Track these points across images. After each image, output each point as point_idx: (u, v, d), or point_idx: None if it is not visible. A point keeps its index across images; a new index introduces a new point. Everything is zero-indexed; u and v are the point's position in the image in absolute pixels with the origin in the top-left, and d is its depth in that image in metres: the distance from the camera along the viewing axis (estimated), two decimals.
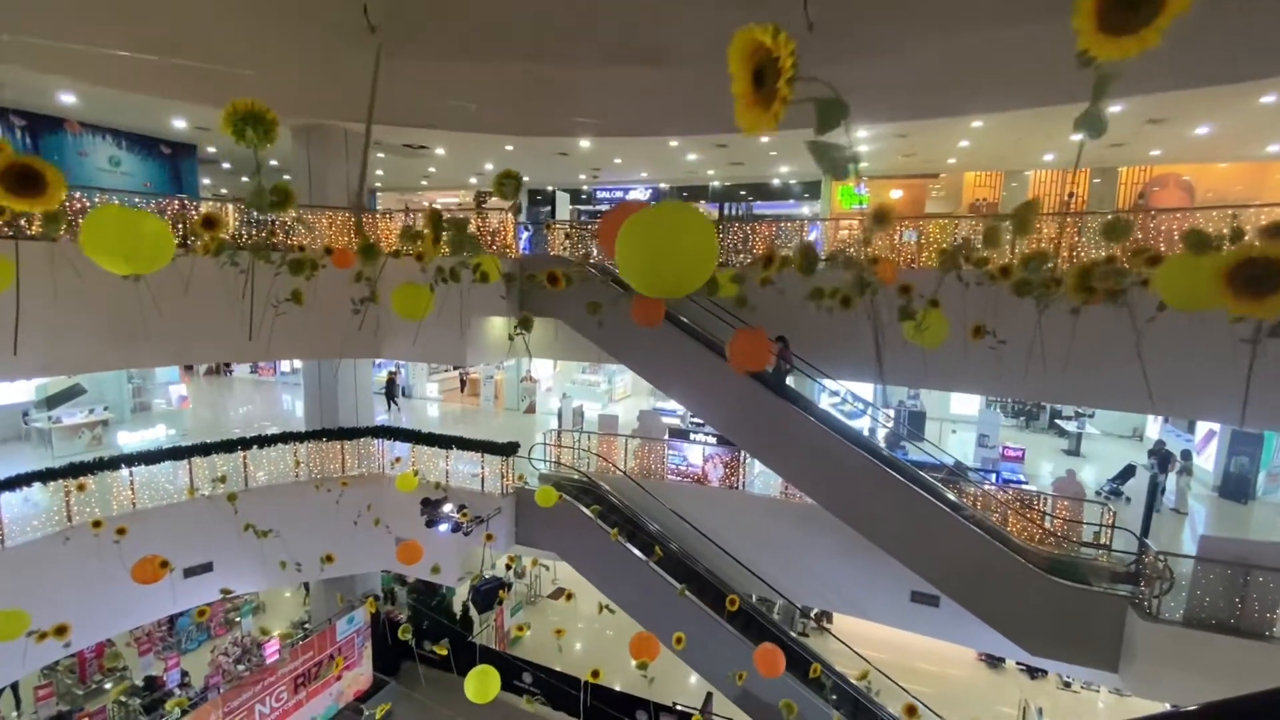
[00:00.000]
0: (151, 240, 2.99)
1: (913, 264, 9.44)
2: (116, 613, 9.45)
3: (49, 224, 5.48)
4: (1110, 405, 10.52)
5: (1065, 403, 13.32)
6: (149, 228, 2.95)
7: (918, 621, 10.51)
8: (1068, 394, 9.64)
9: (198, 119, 11.35)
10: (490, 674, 6.02)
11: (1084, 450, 15.18)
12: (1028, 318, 4.87)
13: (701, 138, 11.75)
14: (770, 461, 10.01)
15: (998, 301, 5.43)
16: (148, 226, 2.94)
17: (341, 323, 11.28)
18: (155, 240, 3.00)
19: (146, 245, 2.99)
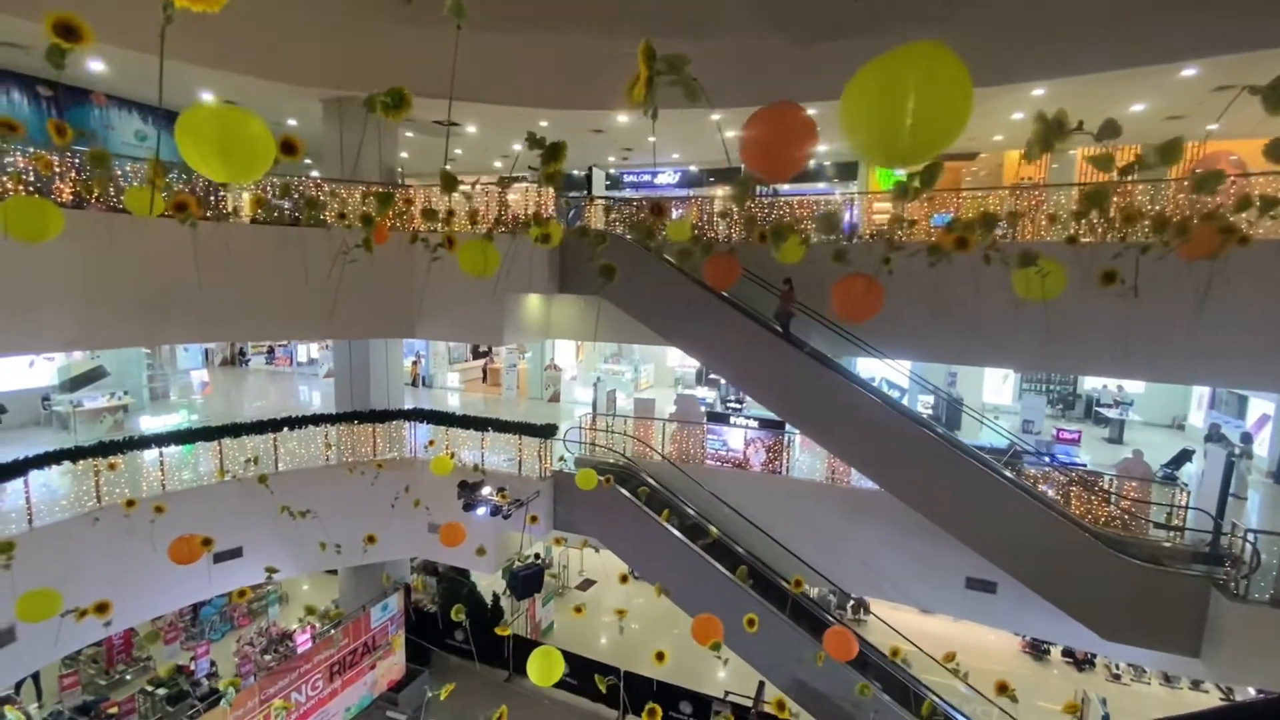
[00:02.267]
0: (255, 143, 2.64)
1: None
2: (150, 596, 9.12)
3: (98, 164, 5.16)
4: (1178, 378, 10.11)
5: (1126, 377, 12.85)
6: (255, 129, 2.61)
7: (973, 609, 10.13)
8: (1130, 368, 9.30)
9: (225, 90, 11.02)
10: (554, 655, 5.68)
11: (1126, 438, 14.80)
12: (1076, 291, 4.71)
13: (744, 110, 11.39)
14: (828, 442, 9.63)
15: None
16: (254, 128, 2.60)
17: (376, 303, 11.03)
18: (258, 144, 2.65)
19: (248, 148, 2.64)
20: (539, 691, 12.06)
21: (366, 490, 10.58)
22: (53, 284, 8.18)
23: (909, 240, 9.79)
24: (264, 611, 13.56)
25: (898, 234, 9.68)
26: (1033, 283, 4.84)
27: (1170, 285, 6.69)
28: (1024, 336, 8.97)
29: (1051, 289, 4.69)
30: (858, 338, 9.81)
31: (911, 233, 9.97)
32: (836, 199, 12.07)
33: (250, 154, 2.65)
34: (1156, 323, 8.08)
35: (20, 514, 8.13)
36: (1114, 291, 4.68)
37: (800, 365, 9.26)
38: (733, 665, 13.60)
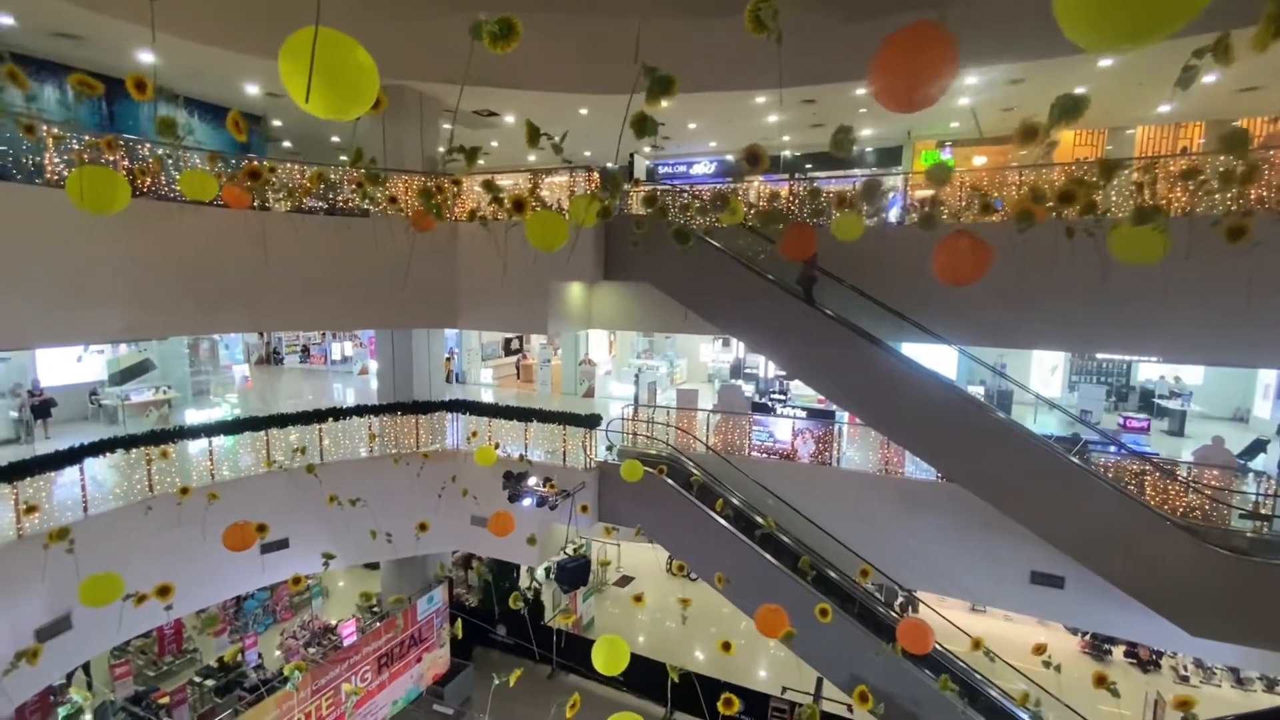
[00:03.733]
0: (361, 74, 2.47)
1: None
2: (201, 585, 9.09)
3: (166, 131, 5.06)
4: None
5: (1208, 362, 12.20)
6: (362, 58, 2.43)
7: (1038, 605, 9.71)
8: (1212, 351, 8.83)
9: (271, 83, 11.05)
10: (619, 644, 5.47)
11: (1186, 431, 14.18)
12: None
13: (789, 93, 11.13)
14: (891, 430, 9.25)
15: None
16: (361, 57, 2.42)
17: (419, 293, 10.96)
18: (365, 76, 2.48)
19: (354, 78, 2.47)
20: (583, 686, 11.86)
21: (412, 481, 10.49)
22: (105, 273, 8.21)
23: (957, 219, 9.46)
24: (306, 605, 13.57)
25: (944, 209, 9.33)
26: (1139, 243, 4.51)
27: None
28: (1096, 317, 8.58)
29: (1154, 250, 4.38)
30: (914, 321, 9.45)
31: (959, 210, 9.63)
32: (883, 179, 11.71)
33: (356, 85, 2.48)
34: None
35: (76, 502, 8.15)
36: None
37: (858, 350, 8.95)
38: (771, 661, 13.29)
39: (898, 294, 9.42)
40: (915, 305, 9.41)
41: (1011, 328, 9.49)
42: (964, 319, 9.50)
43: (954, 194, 9.46)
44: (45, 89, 10.22)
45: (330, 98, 2.39)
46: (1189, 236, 5.85)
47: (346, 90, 2.46)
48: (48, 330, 7.90)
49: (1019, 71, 9.78)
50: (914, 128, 13.56)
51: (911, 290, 9.50)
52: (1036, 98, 11.23)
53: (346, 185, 10.31)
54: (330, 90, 2.40)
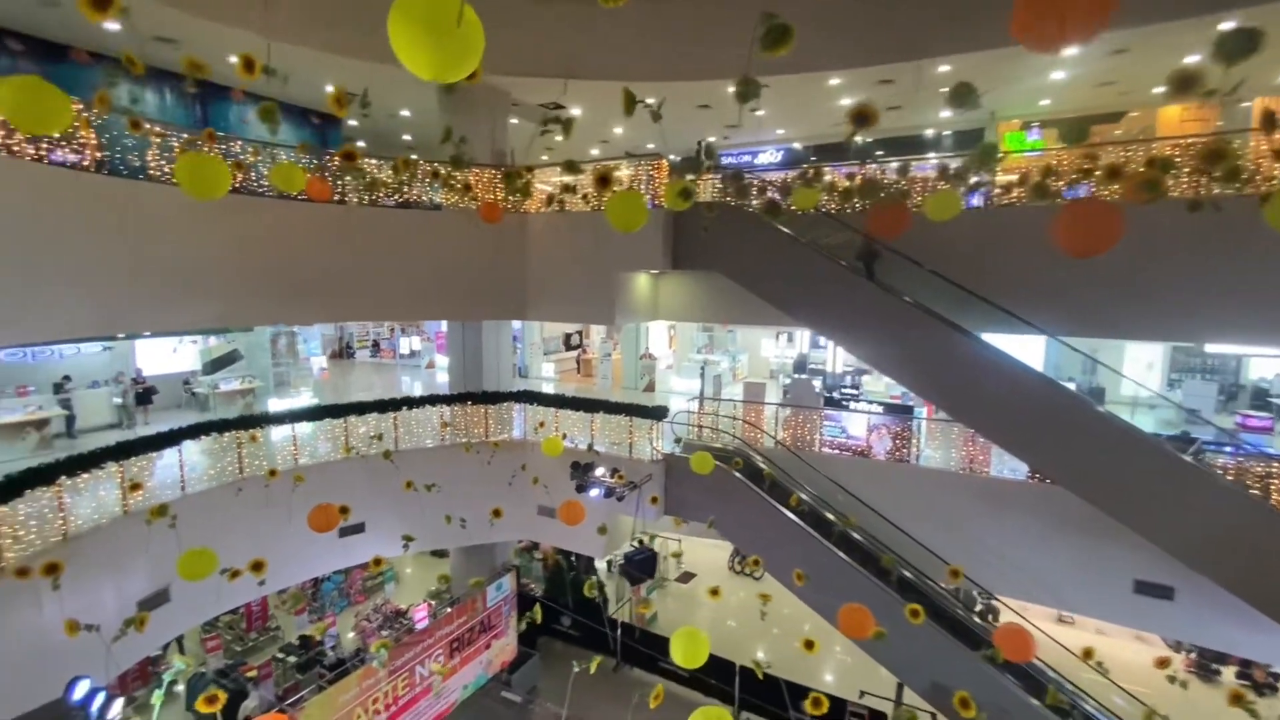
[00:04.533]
0: (469, 31, 2.35)
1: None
2: (286, 565, 9.44)
3: (267, 118, 5.19)
4: None
5: None
6: (470, 14, 2.31)
7: (1143, 617, 8.98)
8: None
9: (345, 79, 11.40)
10: (699, 636, 5.28)
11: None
12: None
13: (864, 73, 10.68)
14: (982, 425, 8.69)
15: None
16: (469, 13, 2.30)
17: (489, 285, 11.11)
18: (472, 33, 2.36)
19: (462, 36, 2.35)
20: (647, 681, 11.77)
21: (482, 470, 10.63)
22: (201, 265, 8.63)
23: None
24: (379, 589, 14.01)
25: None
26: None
27: None
28: (1220, 302, 7.86)
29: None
30: (1005, 307, 8.86)
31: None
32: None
33: (464, 44, 2.38)
34: None
35: (173, 483, 8.60)
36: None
37: (944, 339, 8.46)
38: (837, 665, 12.84)
39: (978, 281, 8.89)
40: (999, 293, 8.85)
41: (1113, 315, 8.80)
42: (1056, 306, 8.87)
43: (1067, 164, 8.86)
44: (145, 93, 10.86)
45: (440, 57, 2.30)
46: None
47: (455, 49, 2.36)
48: (156, 317, 8.39)
49: (1126, 39, 9.03)
50: (998, 108, 12.80)
51: (996, 276, 8.95)
52: (1140, 70, 10.39)
53: (421, 178, 10.53)
54: (440, 48, 2.31)
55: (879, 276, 9.13)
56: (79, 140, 7.29)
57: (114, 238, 7.68)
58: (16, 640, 6.40)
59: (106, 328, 8.30)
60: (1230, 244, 7.78)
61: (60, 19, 9.14)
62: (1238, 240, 7.69)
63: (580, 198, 10.45)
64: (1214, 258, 7.93)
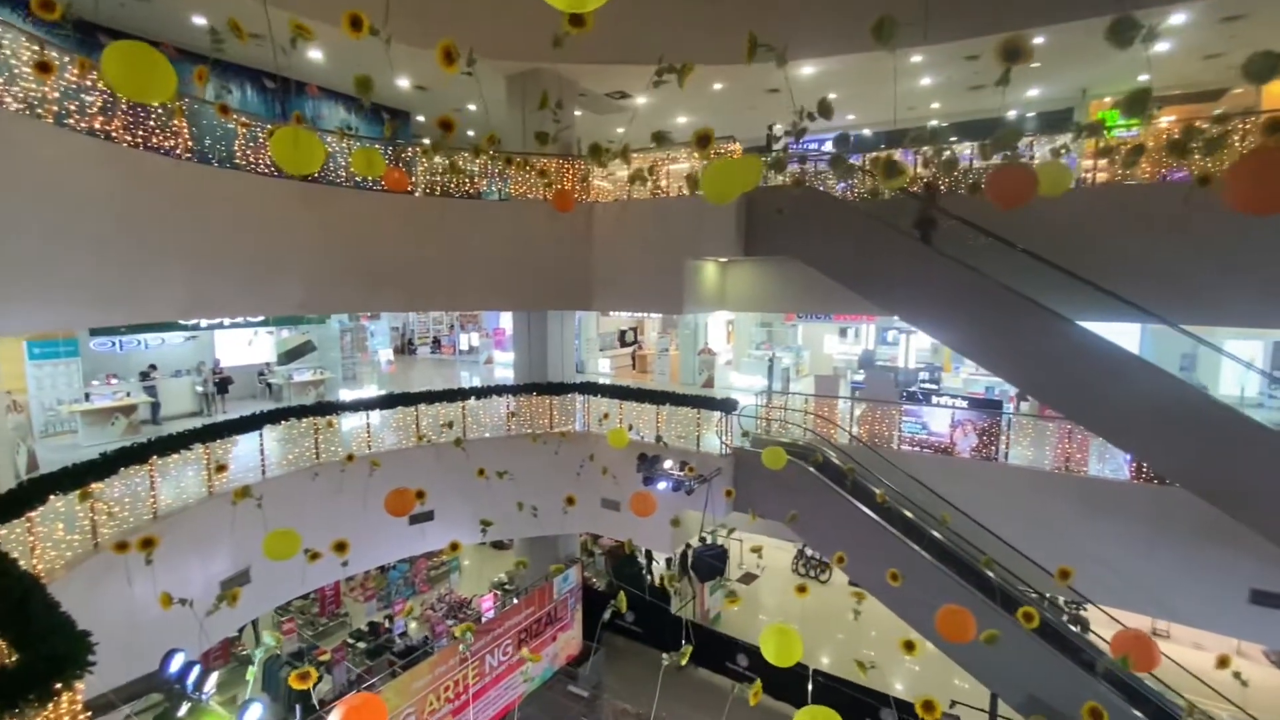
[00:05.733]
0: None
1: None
2: (361, 549, 9.52)
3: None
4: None
5: None
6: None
7: (1259, 628, 8.21)
8: None
9: (416, 73, 11.53)
10: (790, 634, 4.97)
11: None
12: None
13: (947, 49, 10.14)
14: (1090, 420, 8.03)
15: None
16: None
17: (556, 275, 11.04)
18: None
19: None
20: (712, 682, 11.47)
21: (550, 460, 10.55)
22: (284, 253, 8.80)
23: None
24: (444, 579, 14.12)
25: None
26: None
27: None
28: None
29: None
30: (1108, 290, 8.20)
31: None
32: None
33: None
34: None
35: (252, 469, 8.78)
36: None
37: (1045, 326, 7.88)
38: (906, 673, 12.22)
39: (1071, 263, 8.28)
40: (1095, 276, 8.22)
41: (1223, 299, 8.07)
42: (1157, 291, 8.18)
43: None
44: (228, 90, 11.22)
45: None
46: None
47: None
48: (241, 301, 8.59)
49: (1238, 5, 8.28)
50: (1090, 84, 12.02)
51: (1090, 257, 8.33)
52: (1252, 41, 9.53)
53: (488, 170, 10.55)
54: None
55: (936, 244, 8.61)
56: (172, 128, 7.50)
57: (203, 224, 7.88)
58: (112, 613, 6.58)
59: (196, 311, 8.55)
60: None
61: (149, 12, 9.44)
62: None
63: (653, 184, 10.26)
64: None
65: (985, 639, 5.63)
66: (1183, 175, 8.61)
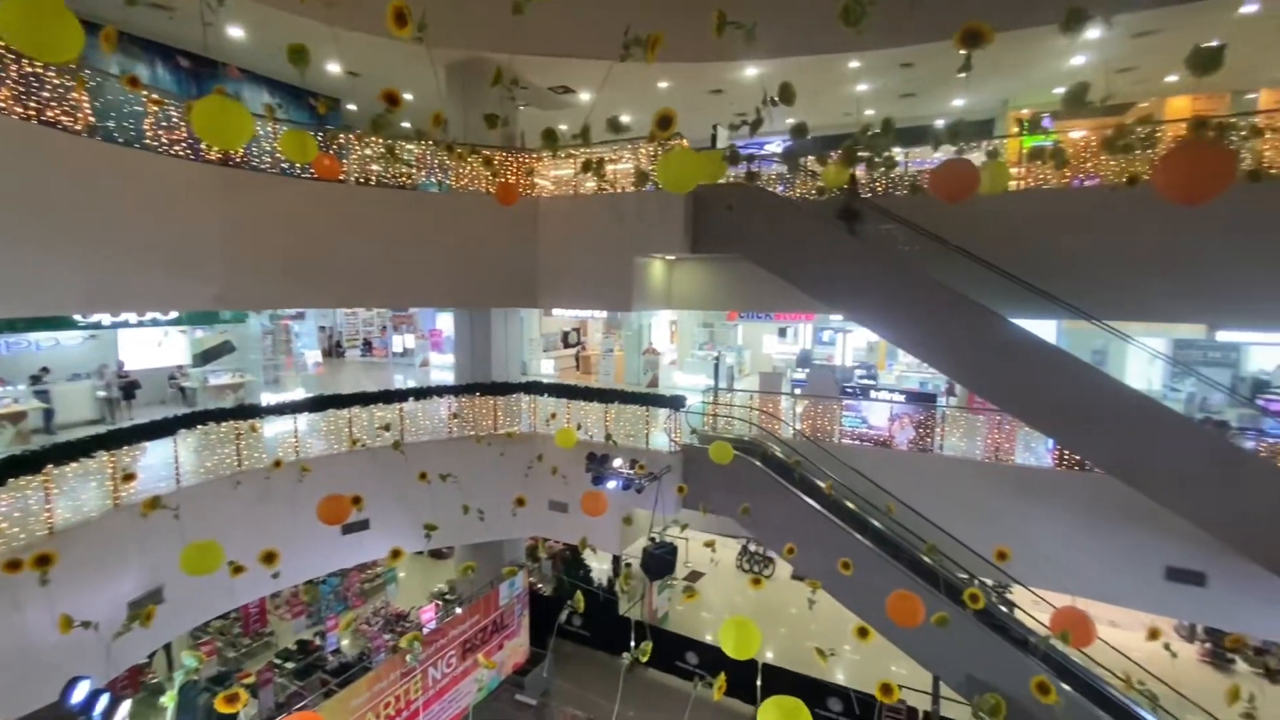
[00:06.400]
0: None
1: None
2: (290, 561, 8.88)
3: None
4: None
5: None
6: None
7: (1175, 604, 8.83)
8: None
9: (350, 58, 10.95)
10: (750, 626, 4.96)
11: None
12: None
13: (885, 55, 10.51)
14: (1032, 418, 8.43)
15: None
16: None
17: (500, 271, 10.71)
18: None
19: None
20: (663, 682, 11.38)
21: (495, 463, 10.20)
22: (198, 242, 8.11)
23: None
24: (379, 591, 13.43)
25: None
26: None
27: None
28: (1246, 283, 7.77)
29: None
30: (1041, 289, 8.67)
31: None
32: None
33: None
34: None
35: (163, 479, 8.04)
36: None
37: (982, 323, 8.22)
38: (845, 663, 12.56)
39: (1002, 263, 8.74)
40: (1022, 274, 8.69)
41: (1143, 297, 8.68)
42: (1083, 286, 8.72)
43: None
44: (136, 66, 10.30)
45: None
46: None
47: None
48: (152, 296, 7.86)
49: (1151, 21, 8.97)
50: (1011, 97, 12.75)
51: (1018, 256, 8.81)
52: (1162, 57, 10.35)
53: (428, 161, 10.13)
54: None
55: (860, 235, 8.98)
56: (71, 101, 6.77)
57: (106, 208, 7.15)
58: (4, 639, 5.85)
59: (98, 305, 7.77)
60: (1263, 224, 7.71)
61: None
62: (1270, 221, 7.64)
63: (601, 179, 10.11)
64: (1245, 238, 7.85)
65: (937, 621, 5.78)
66: (1094, 181, 9.24)
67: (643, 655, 5.48)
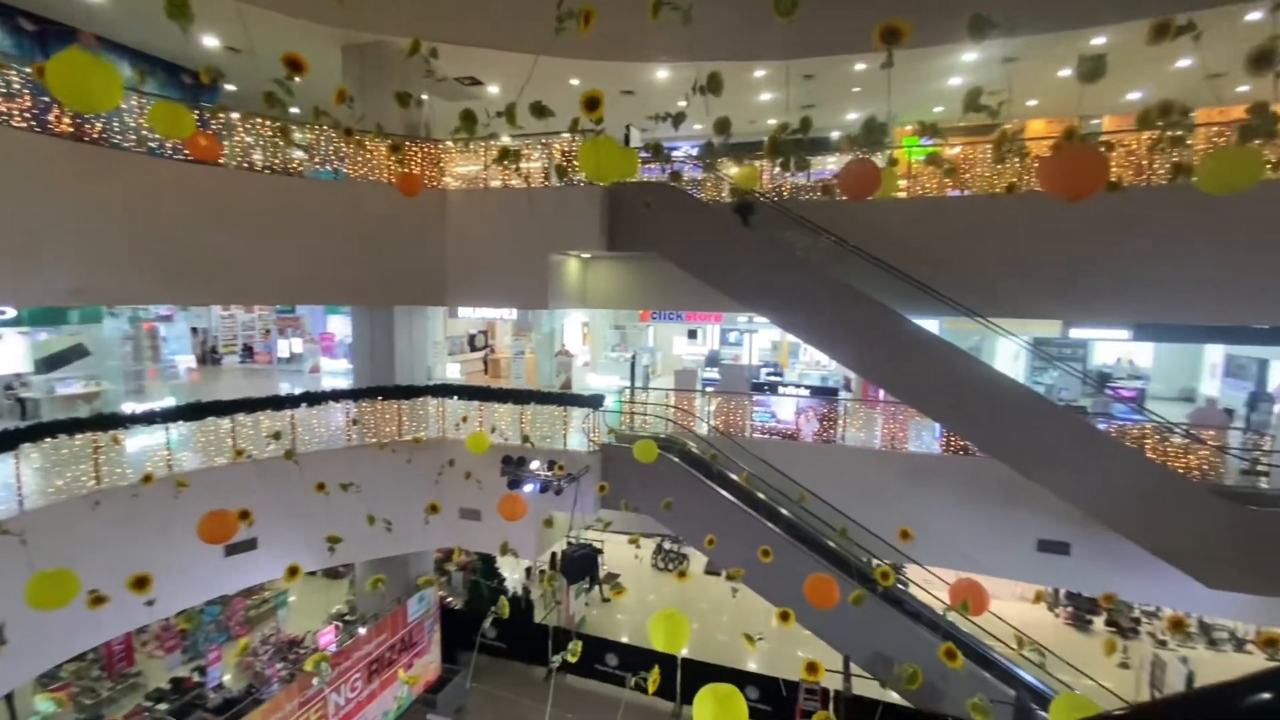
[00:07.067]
0: None
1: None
2: (175, 587, 7.89)
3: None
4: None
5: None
6: None
7: (1045, 572, 9.81)
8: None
9: (233, 35, 9.99)
10: (679, 618, 5.00)
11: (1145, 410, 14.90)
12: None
13: (789, 66, 11.01)
14: (924, 405, 9.03)
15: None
16: None
17: (404, 267, 10.13)
18: None
19: None
20: (582, 687, 11.19)
21: (403, 471, 9.64)
22: (50, 229, 7.04)
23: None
24: (268, 617, 12.25)
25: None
26: (1236, 165, 4.23)
27: None
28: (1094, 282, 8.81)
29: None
30: (934, 290, 9.35)
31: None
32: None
33: None
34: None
35: (7, 499, 6.92)
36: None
37: (886, 322, 8.75)
38: (756, 653, 12.98)
39: (898, 265, 9.39)
40: (914, 275, 9.38)
41: (1011, 296, 9.59)
42: (964, 286, 9.53)
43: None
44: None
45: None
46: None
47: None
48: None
49: (1019, 49, 9.98)
50: (896, 113, 13.75)
51: (904, 259, 9.50)
52: (1024, 82, 11.55)
53: (324, 145, 9.42)
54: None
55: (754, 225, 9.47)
56: None
57: None
58: None
59: None
60: (1111, 231, 8.78)
61: None
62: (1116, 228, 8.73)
63: (514, 171, 9.84)
64: (1095, 243, 8.90)
65: (854, 599, 6.05)
66: (969, 192, 10.12)
67: (572, 656, 5.33)
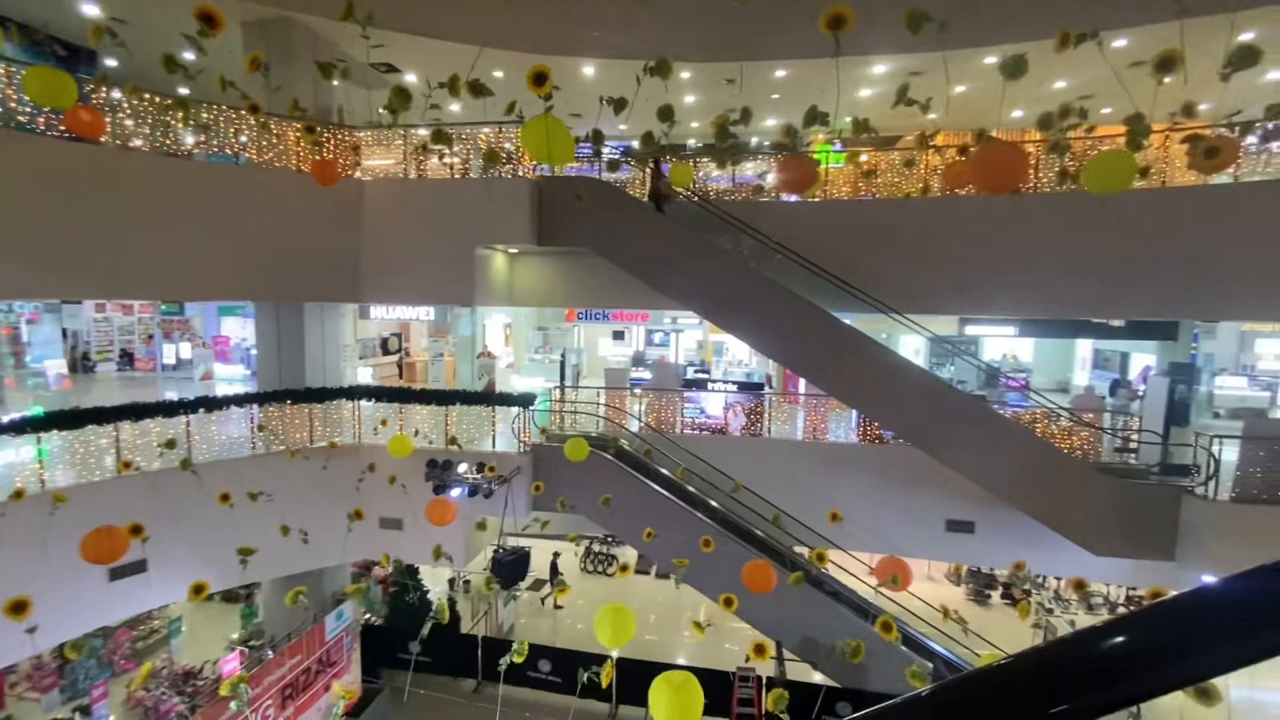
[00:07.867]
0: None
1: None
2: (53, 617, 6.90)
3: None
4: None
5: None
6: None
7: (953, 550, 10.51)
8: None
9: (116, 7, 9.03)
10: (624, 612, 5.02)
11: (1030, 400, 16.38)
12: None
13: (712, 69, 11.29)
14: (844, 394, 9.43)
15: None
16: None
17: (314, 260, 9.49)
18: None
19: None
20: (516, 696, 10.87)
21: (318, 478, 9.00)
22: None
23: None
24: (159, 649, 11.05)
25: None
26: (1111, 168, 4.64)
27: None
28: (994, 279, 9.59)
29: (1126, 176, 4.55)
30: (855, 288, 9.81)
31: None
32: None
33: None
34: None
35: None
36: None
37: (813, 319, 9.10)
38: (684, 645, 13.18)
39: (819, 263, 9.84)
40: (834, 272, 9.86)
41: (931, 292, 10.27)
42: (881, 284, 10.10)
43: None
44: None
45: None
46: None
47: None
48: None
49: (923, 63, 10.70)
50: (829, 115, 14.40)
51: (822, 259, 9.97)
52: (925, 94, 12.36)
53: (223, 124, 8.69)
54: None
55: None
56: None
57: None
58: None
59: None
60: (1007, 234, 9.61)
61: None
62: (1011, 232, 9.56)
63: (442, 158, 9.47)
64: (993, 245, 9.70)
65: (794, 580, 6.22)
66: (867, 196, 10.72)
67: (518, 656, 5.14)
